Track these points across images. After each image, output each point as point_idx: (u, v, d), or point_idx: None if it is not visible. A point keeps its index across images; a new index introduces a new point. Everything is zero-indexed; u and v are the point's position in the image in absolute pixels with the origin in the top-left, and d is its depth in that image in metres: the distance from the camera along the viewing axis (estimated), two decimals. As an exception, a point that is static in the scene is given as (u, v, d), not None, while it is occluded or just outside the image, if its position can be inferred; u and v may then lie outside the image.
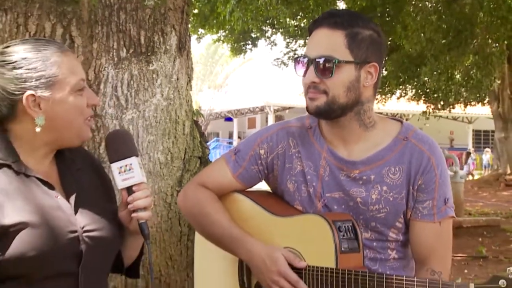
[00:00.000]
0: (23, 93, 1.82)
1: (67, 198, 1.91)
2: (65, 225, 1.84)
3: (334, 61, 2.11)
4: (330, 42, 2.14)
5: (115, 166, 1.95)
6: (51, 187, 1.89)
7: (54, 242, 1.79)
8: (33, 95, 1.82)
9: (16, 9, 2.74)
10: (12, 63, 1.83)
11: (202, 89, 41.64)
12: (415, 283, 1.95)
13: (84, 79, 1.93)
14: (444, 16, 13.73)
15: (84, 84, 1.92)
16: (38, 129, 1.84)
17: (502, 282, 1.84)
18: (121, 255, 2.10)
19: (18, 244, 1.74)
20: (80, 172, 2.02)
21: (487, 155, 31.56)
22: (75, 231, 1.85)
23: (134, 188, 1.94)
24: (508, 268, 1.85)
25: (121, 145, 1.98)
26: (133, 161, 1.94)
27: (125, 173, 1.94)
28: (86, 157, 2.14)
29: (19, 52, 1.85)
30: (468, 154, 30.89)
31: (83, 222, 1.89)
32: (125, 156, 1.95)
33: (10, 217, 1.75)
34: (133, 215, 1.95)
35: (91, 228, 1.90)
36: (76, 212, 1.90)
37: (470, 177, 27.37)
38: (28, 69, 1.82)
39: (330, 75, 2.12)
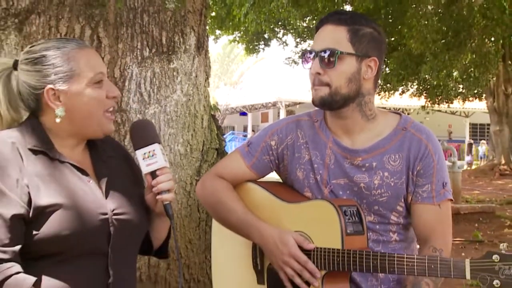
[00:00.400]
0: (44, 87, 1.85)
1: (99, 183, 1.93)
2: (96, 208, 1.86)
3: (337, 52, 2.13)
4: (334, 36, 2.16)
5: (139, 153, 1.96)
6: (83, 172, 1.91)
7: (85, 223, 1.81)
8: (52, 88, 1.85)
9: (49, 12, 2.76)
10: (34, 60, 1.87)
11: (219, 86, 41.62)
12: (415, 260, 1.96)
13: (103, 73, 1.93)
14: (444, 18, 13.64)
15: (102, 77, 1.92)
16: (58, 120, 1.87)
17: (495, 257, 1.87)
18: (150, 238, 2.12)
19: (53, 224, 1.76)
20: (111, 159, 2.04)
21: (483, 147, 31.32)
22: (106, 214, 1.87)
23: (157, 172, 1.95)
24: (501, 244, 1.87)
25: (144, 133, 1.99)
26: (155, 147, 1.95)
27: (149, 159, 1.95)
28: (116, 146, 2.17)
29: (41, 50, 1.88)
30: (471, 145, 30.49)
31: (113, 205, 1.91)
32: (148, 143, 1.96)
33: (45, 199, 1.77)
34: (158, 197, 1.96)
35: (120, 212, 1.91)
36: (106, 196, 1.92)
37: (470, 166, 27.15)
38: (48, 65, 1.86)
39: (333, 65, 2.14)
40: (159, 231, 2.12)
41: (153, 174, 1.96)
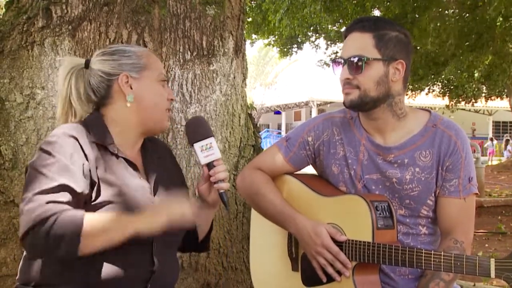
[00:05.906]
0: (119, 74, 1.94)
1: (147, 180, 1.97)
2: (145, 201, 1.89)
3: (363, 59, 2.10)
4: (360, 43, 2.13)
5: (197, 146, 1.99)
6: (135, 168, 1.94)
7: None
8: (127, 76, 1.94)
9: (99, 19, 2.78)
10: (113, 51, 1.99)
11: (255, 87, 41.67)
12: (442, 256, 1.92)
13: (165, 75, 2.03)
14: (467, 22, 13.40)
15: (165, 79, 2.02)
16: (128, 104, 1.94)
17: None
18: (196, 235, 2.15)
19: (105, 209, 1.78)
20: (160, 160, 2.08)
21: (493, 142, 30.73)
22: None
23: (214, 163, 1.99)
24: None
25: (201, 128, 2.02)
26: (212, 140, 1.99)
27: (206, 151, 1.98)
28: (165, 148, 2.23)
29: (119, 46, 2.02)
30: (507, 141, 29.53)
31: (159, 200, 1.94)
32: (205, 136, 1.99)
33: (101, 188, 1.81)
34: (215, 185, 2.00)
35: None
36: (154, 192, 1.95)
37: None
38: (125, 56, 1.97)
39: (360, 71, 2.11)
40: (207, 222, 2.15)
41: (209, 165, 1.99)
